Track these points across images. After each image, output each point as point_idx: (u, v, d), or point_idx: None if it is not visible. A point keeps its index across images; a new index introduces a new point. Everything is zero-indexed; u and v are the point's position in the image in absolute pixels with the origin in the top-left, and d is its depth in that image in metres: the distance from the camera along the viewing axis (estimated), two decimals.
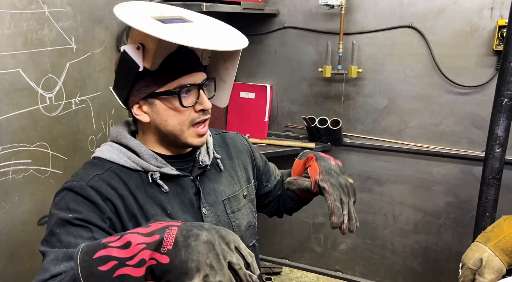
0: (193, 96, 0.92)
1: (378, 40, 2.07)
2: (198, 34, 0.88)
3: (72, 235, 0.81)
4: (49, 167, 1.31)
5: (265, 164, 1.25)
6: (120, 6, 0.89)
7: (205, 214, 0.99)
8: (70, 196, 0.86)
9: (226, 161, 1.11)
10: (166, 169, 0.95)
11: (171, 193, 0.96)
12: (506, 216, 1.01)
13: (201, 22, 0.96)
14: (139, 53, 0.86)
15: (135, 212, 0.90)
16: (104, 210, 0.86)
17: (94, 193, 0.86)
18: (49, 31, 1.25)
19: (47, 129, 1.29)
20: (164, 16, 0.90)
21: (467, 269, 0.97)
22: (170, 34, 0.81)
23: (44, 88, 1.26)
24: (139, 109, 0.92)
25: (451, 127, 2.06)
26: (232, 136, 1.18)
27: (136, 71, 0.87)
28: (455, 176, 2.11)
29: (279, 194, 1.25)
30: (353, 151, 2.28)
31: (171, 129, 0.93)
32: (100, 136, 1.50)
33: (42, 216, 1.30)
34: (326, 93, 2.24)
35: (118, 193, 0.89)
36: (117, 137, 0.96)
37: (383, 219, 2.33)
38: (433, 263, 2.28)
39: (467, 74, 1.96)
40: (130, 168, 0.93)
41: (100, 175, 0.89)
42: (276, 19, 2.24)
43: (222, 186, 1.06)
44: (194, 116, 0.93)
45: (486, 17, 1.87)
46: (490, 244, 0.97)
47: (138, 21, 0.83)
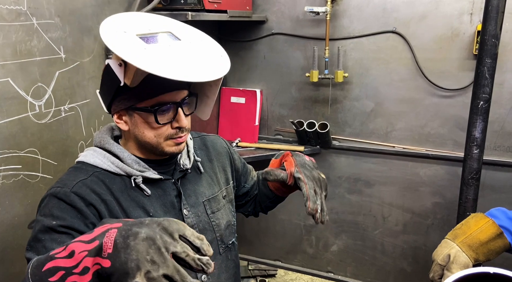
0: (171, 113, 0.95)
1: (364, 45, 2.12)
2: (179, 60, 0.90)
3: (56, 242, 0.85)
4: (39, 172, 1.36)
5: (244, 165, 1.29)
6: (108, 21, 0.91)
7: (186, 215, 1.04)
8: (54, 202, 0.90)
9: (206, 163, 1.15)
10: (148, 173, 0.99)
11: (153, 196, 1.00)
12: (474, 214, 1.05)
13: (188, 40, 0.98)
14: (121, 69, 0.89)
15: (119, 215, 0.94)
16: (87, 215, 0.90)
17: (77, 199, 0.90)
18: (38, 42, 1.31)
19: (37, 135, 1.34)
20: (151, 33, 0.93)
21: (436, 264, 1.01)
22: (146, 63, 0.83)
23: (33, 96, 1.31)
24: (119, 117, 0.97)
25: (436, 129, 2.10)
26: (212, 139, 1.23)
27: (118, 85, 0.90)
28: (441, 177, 2.15)
29: (256, 194, 1.30)
30: (342, 154, 2.33)
31: (148, 140, 0.96)
32: (89, 142, 1.56)
33: (32, 219, 1.35)
34: (315, 97, 2.29)
35: (101, 198, 0.93)
36: (101, 142, 1.00)
37: (373, 221, 2.37)
38: (422, 263, 2.31)
39: (450, 77, 2.00)
40: (113, 173, 0.97)
41: (84, 181, 0.93)
42: (265, 26, 2.29)
43: (202, 188, 1.10)
44: (171, 132, 0.96)
45: (466, 22, 1.92)
46: (458, 241, 1.01)
47: (118, 43, 0.85)
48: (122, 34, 0.89)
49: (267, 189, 1.25)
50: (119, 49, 0.84)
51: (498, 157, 1.98)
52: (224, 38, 2.34)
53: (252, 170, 1.33)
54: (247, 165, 1.32)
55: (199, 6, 1.69)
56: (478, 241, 0.99)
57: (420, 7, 1.98)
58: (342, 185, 2.37)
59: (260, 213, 1.36)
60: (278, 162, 1.18)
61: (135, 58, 0.82)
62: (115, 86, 0.91)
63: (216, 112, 2.44)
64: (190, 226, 1.02)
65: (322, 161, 2.36)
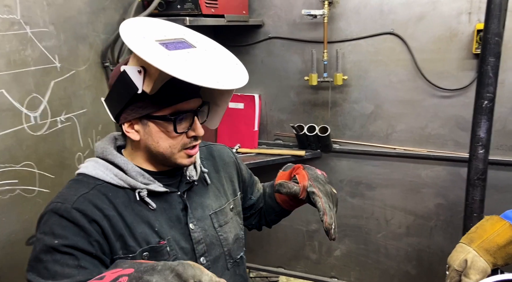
0: (187, 122, 0.92)
1: (362, 47, 2.10)
2: (203, 66, 0.88)
3: (59, 263, 0.81)
4: (36, 186, 1.31)
5: (250, 176, 1.26)
6: (126, 26, 0.88)
7: (193, 229, 1.00)
8: (54, 219, 0.85)
9: (212, 174, 1.11)
10: (153, 186, 0.95)
11: (159, 209, 0.96)
12: (489, 217, 1.03)
13: (203, 47, 0.96)
14: (140, 76, 0.85)
15: (122, 232, 0.89)
16: (90, 232, 0.85)
17: (79, 216, 0.85)
18: (32, 51, 1.26)
19: (33, 148, 1.29)
20: (168, 39, 0.90)
21: (453, 270, 0.99)
22: (174, 67, 0.80)
23: (28, 107, 1.26)
24: (130, 127, 0.92)
25: (437, 130, 2.09)
26: (219, 149, 1.19)
27: (134, 93, 0.86)
28: (443, 178, 2.13)
29: (261, 207, 1.26)
30: (343, 157, 2.30)
31: (162, 151, 0.93)
32: (87, 153, 1.51)
33: (30, 236, 1.30)
34: (314, 100, 2.26)
35: (104, 213, 0.88)
36: (103, 153, 0.96)
37: (376, 224, 2.34)
38: (426, 265, 2.29)
39: (449, 77, 1.99)
40: (117, 185, 0.93)
41: (85, 195, 0.88)
42: (261, 30, 2.27)
43: (209, 200, 1.06)
44: (186, 141, 0.94)
45: (465, 22, 1.91)
46: (474, 245, 0.98)
47: (144, 48, 0.82)
48: (142, 39, 0.85)
49: (274, 202, 1.21)
50: (145, 53, 0.80)
51: (501, 157, 1.96)
52: (220, 43, 2.29)
53: (258, 181, 1.29)
54: (254, 177, 1.28)
55: (196, 11, 1.66)
56: (496, 245, 0.96)
57: (417, 8, 1.97)
58: (344, 189, 2.34)
59: (263, 226, 1.32)
60: (287, 174, 1.14)
61: (165, 63, 0.79)
62: (131, 94, 0.87)
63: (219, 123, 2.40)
64: (197, 241, 0.99)
65: (323, 165, 2.33)
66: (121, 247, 0.89)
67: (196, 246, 0.99)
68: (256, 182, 1.28)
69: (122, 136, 1.01)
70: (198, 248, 1.00)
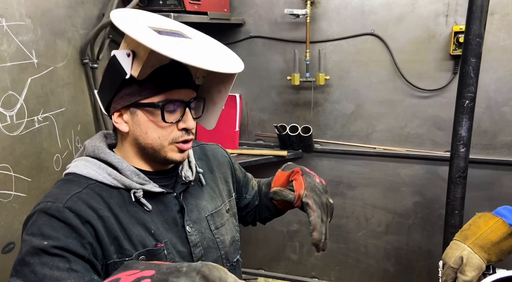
0: (178, 113, 0.88)
1: (343, 48, 2.12)
2: (194, 51, 0.85)
3: (48, 266, 0.74)
4: (12, 190, 1.22)
5: (244, 175, 1.23)
6: (118, 12, 0.85)
7: (189, 232, 0.95)
8: (44, 219, 0.78)
9: (207, 174, 1.07)
10: (149, 186, 0.90)
11: (154, 211, 0.91)
12: (481, 214, 1.05)
13: (200, 40, 0.93)
14: (129, 60, 0.82)
15: (117, 234, 0.84)
16: (84, 234, 0.79)
17: (72, 216, 0.78)
18: (8, 46, 1.18)
19: (8, 149, 1.20)
20: (162, 28, 0.87)
21: (449, 267, 0.99)
22: (164, 46, 0.77)
23: (4, 106, 1.18)
24: (120, 117, 0.88)
25: (415, 129, 2.13)
26: (213, 148, 1.15)
27: (122, 78, 0.82)
28: (421, 176, 2.18)
29: (256, 205, 1.24)
30: (324, 157, 2.31)
31: (150, 142, 0.88)
32: (66, 155, 1.43)
33: (6, 243, 1.21)
34: (296, 100, 2.26)
35: (99, 214, 0.82)
36: (95, 152, 0.89)
37: (356, 223, 2.36)
38: (405, 262, 2.33)
39: (427, 78, 2.04)
40: (110, 185, 0.87)
41: (78, 194, 0.82)
42: (242, 29, 2.24)
43: (204, 201, 1.02)
44: (177, 134, 0.89)
45: (442, 24, 1.96)
46: (469, 242, 0.99)
47: (133, 28, 0.79)
48: (133, 23, 0.82)
49: (270, 202, 1.18)
50: (134, 32, 0.77)
51: (475, 155, 2.03)
52: None
53: (252, 179, 1.26)
54: (248, 174, 1.25)
55: (180, 7, 1.61)
56: (490, 241, 0.98)
57: (397, 9, 2.01)
58: None
59: (258, 222, 1.29)
60: (285, 177, 1.11)
61: (152, 41, 0.75)
62: (119, 80, 0.83)
63: None
64: (194, 244, 0.95)
65: (304, 165, 2.26)
66: (115, 251, 0.83)
67: (194, 249, 0.95)
68: (250, 179, 1.25)
69: (113, 133, 0.96)
70: (196, 251, 0.96)
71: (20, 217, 1.26)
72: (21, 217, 1.26)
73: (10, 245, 1.22)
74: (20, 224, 1.24)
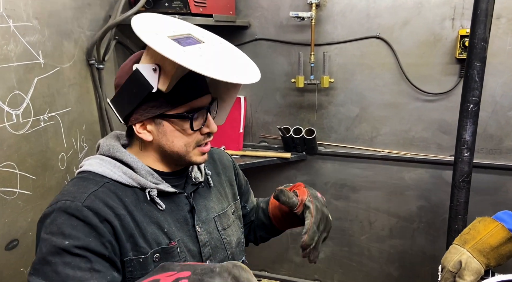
0: (201, 119, 0.91)
1: (348, 51, 2.12)
2: (218, 61, 0.87)
3: (70, 266, 0.76)
4: (17, 188, 1.25)
5: (246, 184, 1.24)
6: (138, 22, 0.85)
7: (199, 232, 0.98)
8: (63, 218, 0.79)
9: (214, 177, 1.09)
10: (162, 186, 0.92)
11: (167, 210, 0.93)
12: (481, 218, 1.05)
13: (211, 42, 0.95)
14: (155, 74, 0.83)
15: (133, 232, 0.85)
16: (103, 233, 0.80)
17: (91, 215, 0.80)
18: (15, 46, 1.20)
19: (14, 148, 1.22)
20: (178, 35, 0.88)
21: (447, 271, 0.99)
22: (194, 62, 0.79)
23: (10, 105, 1.20)
24: (142, 127, 0.89)
25: (420, 133, 2.12)
26: (218, 152, 1.18)
27: (148, 92, 0.83)
28: (425, 180, 2.17)
29: (252, 220, 1.24)
30: (328, 160, 2.31)
31: (177, 150, 0.91)
32: (71, 153, 1.45)
33: (10, 240, 1.23)
34: (300, 103, 2.26)
35: (116, 212, 0.84)
36: (110, 151, 0.91)
37: (360, 226, 2.36)
38: (408, 267, 2.32)
39: (433, 82, 2.03)
40: (125, 184, 0.89)
41: (95, 193, 0.83)
42: (248, 31, 2.25)
43: (212, 202, 1.04)
44: (200, 138, 0.92)
45: (448, 28, 1.95)
46: (468, 246, 0.99)
47: (161, 44, 0.80)
48: (155, 36, 0.83)
49: (267, 217, 1.19)
50: (163, 48, 0.78)
51: (481, 160, 2.01)
52: None
53: (251, 193, 1.28)
54: (249, 185, 1.27)
55: (185, 10, 1.63)
56: (489, 246, 0.97)
57: (402, 13, 2.00)
58: (329, 191, 2.34)
59: (251, 242, 1.29)
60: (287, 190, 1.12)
61: (184, 58, 0.77)
62: (144, 93, 0.84)
63: None
64: (203, 244, 0.98)
65: (308, 168, 2.33)
66: (131, 248, 0.85)
67: (203, 248, 0.98)
68: (250, 192, 1.26)
69: (127, 136, 0.97)
70: (204, 251, 0.98)
71: (24, 215, 1.28)
72: (25, 214, 1.28)
73: (13, 242, 1.24)
74: (24, 222, 1.27)
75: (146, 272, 0.85)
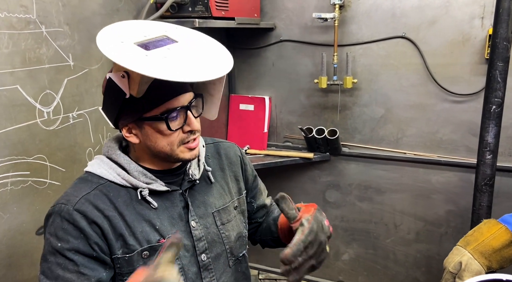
0: (181, 118, 0.92)
1: (373, 51, 2.10)
2: (182, 62, 0.88)
3: (61, 267, 0.87)
4: (47, 179, 1.37)
5: (254, 179, 1.23)
6: (104, 32, 0.89)
7: (194, 227, 1.01)
8: (57, 221, 0.90)
9: (217, 172, 1.12)
10: (155, 185, 0.97)
11: (160, 208, 0.98)
12: (486, 220, 1.02)
13: (186, 41, 0.95)
14: (125, 81, 0.86)
15: (122, 231, 0.92)
16: (90, 235, 0.89)
17: (79, 217, 0.89)
18: (47, 50, 1.32)
19: (45, 142, 1.35)
20: (148, 39, 0.90)
21: (448, 272, 0.98)
22: (152, 68, 0.81)
23: (42, 103, 1.32)
24: (128, 131, 0.94)
25: (448, 135, 2.06)
26: (226, 147, 1.18)
27: (123, 98, 0.88)
28: (454, 184, 2.10)
29: (260, 222, 1.25)
30: (352, 161, 2.30)
31: (161, 149, 0.94)
32: (97, 149, 1.56)
33: (40, 226, 1.36)
34: (324, 103, 2.27)
35: (104, 214, 0.91)
36: (108, 152, 0.99)
37: (385, 229, 2.32)
38: (435, 273, 2.25)
39: (461, 82, 1.97)
40: (119, 184, 0.96)
41: (86, 196, 0.92)
42: (273, 33, 2.29)
43: (212, 198, 1.07)
44: (183, 136, 0.94)
45: (477, 27, 1.89)
46: (470, 248, 0.98)
47: (120, 54, 0.83)
48: (120, 44, 0.86)
49: (275, 225, 1.18)
50: (121, 59, 0.81)
51: (506, 163, 1.93)
52: (233, 45, 2.34)
53: (264, 190, 1.27)
54: (260, 183, 1.25)
55: (207, 13, 1.70)
56: (491, 248, 0.95)
57: (429, 12, 1.96)
58: (353, 193, 2.33)
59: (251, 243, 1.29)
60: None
61: (139, 66, 0.80)
62: (120, 100, 0.89)
63: (225, 119, 2.44)
64: (198, 238, 1.01)
65: (331, 168, 2.33)
66: (121, 246, 0.93)
67: (197, 243, 1.01)
68: (261, 189, 1.25)
69: (123, 138, 1.03)
70: (199, 245, 1.02)
71: None
72: None
73: (42, 229, 1.36)
74: None
75: (134, 269, 0.92)
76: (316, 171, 2.38)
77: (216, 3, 1.73)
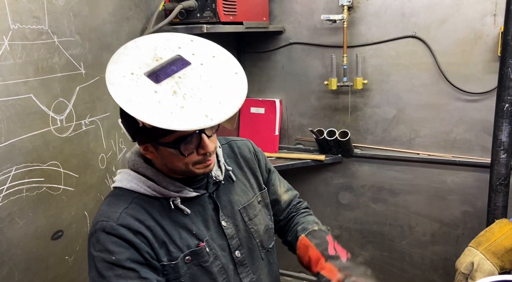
0: (195, 141, 0.92)
1: (383, 51, 2.09)
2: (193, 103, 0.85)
3: (121, 277, 0.89)
4: (62, 185, 1.40)
5: (269, 174, 1.23)
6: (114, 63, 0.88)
7: (225, 226, 1.05)
8: (104, 237, 0.91)
9: (237, 170, 1.14)
10: (185, 192, 1.00)
11: (193, 213, 1.01)
12: (498, 220, 1.01)
13: (200, 60, 0.92)
14: None
15: (164, 239, 0.96)
16: (139, 245, 0.92)
17: (125, 231, 0.91)
18: (59, 59, 1.36)
19: (58, 149, 1.38)
20: (160, 64, 0.88)
21: (460, 273, 0.97)
22: (161, 119, 0.80)
23: (55, 111, 1.36)
24: (145, 149, 0.97)
25: (462, 134, 2.03)
26: (240, 145, 1.19)
27: (137, 126, 0.91)
28: (469, 184, 2.07)
29: (281, 219, 1.26)
30: (364, 162, 2.28)
31: (177, 168, 0.96)
32: (110, 154, 1.59)
33: (55, 231, 1.39)
34: (334, 105, 2.26)
35: (145, 224, 0.94)
36: (134, 166, 1.01)
37: (400, 231, 2.29)
38: (453, 275, 2.18)
39: (474, 81, 1.94)
40: (151, 196, 0.98)
41: (126, 210, 0.94)
42: (282, 36, 2.30)
43: (236, 196, 1.10)
44: (199, 158, 0.95)
45: (489, 24, 1.85)
46: (482, 248, 0.96)
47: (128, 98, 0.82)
48: (129, 79, 0.85)
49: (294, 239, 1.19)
50: (129, 108, 0.81)
51: None
52: (242, 49, 2.36)
53: (280, 187, 1.25)
54: (275, 178, 1.25)
55: (215, 19, 1.72)
56: (503, 248, 0.94)
57: (440, 10, 1.94)
58: (366, 194, 2.31)
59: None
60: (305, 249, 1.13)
61: (148, 117, 0.80)
62: (134, 127, 0.91)
63: (236, 123, 2.46)
64: (230, 237, 1.05)
65: (344, 170, 2.32)
66: (165, 254, 0.96)
67: (230, 241, 1.05)
68: (277, 183, 1.24)
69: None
70: (232, 243, 1.06)
71: (68, 209, 1.43)
72: (69, 208, 1.43)
73: (58, 233, 1.40)
74: (68, 215, 1.43)
75: (179, 275, 0.96)
76: (329, 173, 2.36)
77: (224, 8, 1.74)
